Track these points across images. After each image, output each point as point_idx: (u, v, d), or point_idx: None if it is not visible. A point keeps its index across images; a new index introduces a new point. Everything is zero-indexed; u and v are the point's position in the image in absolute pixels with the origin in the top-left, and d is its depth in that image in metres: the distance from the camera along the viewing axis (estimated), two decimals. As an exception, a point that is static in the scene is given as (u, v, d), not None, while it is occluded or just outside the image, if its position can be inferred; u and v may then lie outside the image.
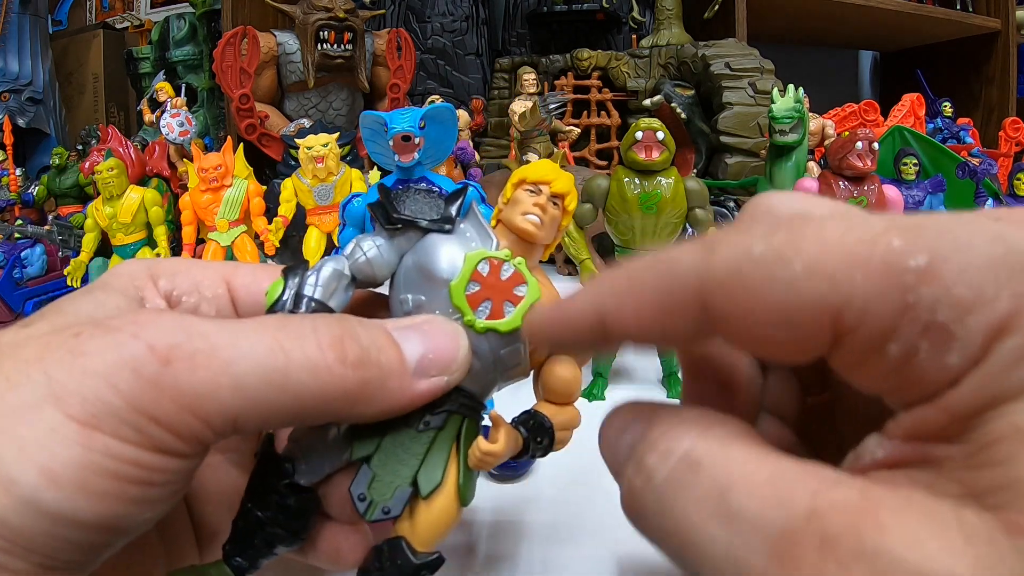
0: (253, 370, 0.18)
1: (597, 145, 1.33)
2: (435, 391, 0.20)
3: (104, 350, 0.17)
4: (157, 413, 0.17)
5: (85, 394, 0.17)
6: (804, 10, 1.61)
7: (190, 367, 0.18)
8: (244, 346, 0.18)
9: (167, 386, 0.17)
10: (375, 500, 0.21)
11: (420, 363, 0.20)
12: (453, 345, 0.21)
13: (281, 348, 0.18)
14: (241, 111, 1.14)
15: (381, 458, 0.21)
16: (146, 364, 0.17)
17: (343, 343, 0.19)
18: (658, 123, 0.51)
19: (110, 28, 1.81)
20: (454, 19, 1.49)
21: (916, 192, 0.82)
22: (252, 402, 0.18)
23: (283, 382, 0.18)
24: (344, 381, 0.19)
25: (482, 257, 0.21)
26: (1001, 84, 1.78)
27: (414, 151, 0.47)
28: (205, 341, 0.18)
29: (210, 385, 0.18)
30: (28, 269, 0.83)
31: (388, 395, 0.20)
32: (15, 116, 1.46)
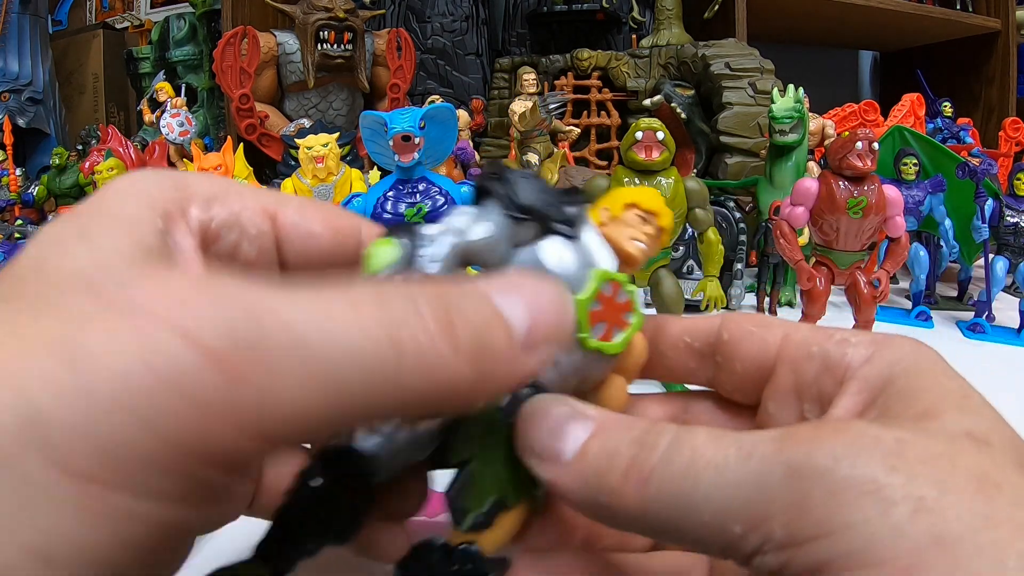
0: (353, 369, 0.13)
1: (597, 145, 1.33)
2: (543, 364, 0.17)
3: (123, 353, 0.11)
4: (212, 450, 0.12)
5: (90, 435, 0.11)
6: (804, 10, 1.61)
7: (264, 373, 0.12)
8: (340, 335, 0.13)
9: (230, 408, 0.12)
10: (470, 509, 0.19)
11: (529, 335, 0.16)
12: (560, 308, 0.17)
13: (388, 337, 0.14)
14: (241, 111, 1.14)
15: (480, 464, 0.20)
16: (195, 376, 0.12)
17: (454, 325, 0.15)
18: (658, 123, 0.51)
19: (110, 28, 1.81)
20: (454, 19, 1.49)
21: (916, 192, 0.82)
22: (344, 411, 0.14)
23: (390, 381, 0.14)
24: (459, 377, 0.15)
25: (610, 277, 0.21)
26: (1001, 84, 1.78)
27: (414, 151, 0.47)
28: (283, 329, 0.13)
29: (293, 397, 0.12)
30: (28, 269, 0.83)
31: (497, 382, 0.16)
32: (15, 116, 1.46)
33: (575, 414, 0.19)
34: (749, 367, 0.22)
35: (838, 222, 0.54)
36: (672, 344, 0.24)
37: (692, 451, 0.16)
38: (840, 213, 0.54)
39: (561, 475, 0.18)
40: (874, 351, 0.19)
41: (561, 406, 0.19)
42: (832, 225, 0.55)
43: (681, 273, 0.84)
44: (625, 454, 0.17)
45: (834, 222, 0.54)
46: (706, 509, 0.15)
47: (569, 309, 0.18)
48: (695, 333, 0.24)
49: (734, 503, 0.15)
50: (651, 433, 0.17)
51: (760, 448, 0.15)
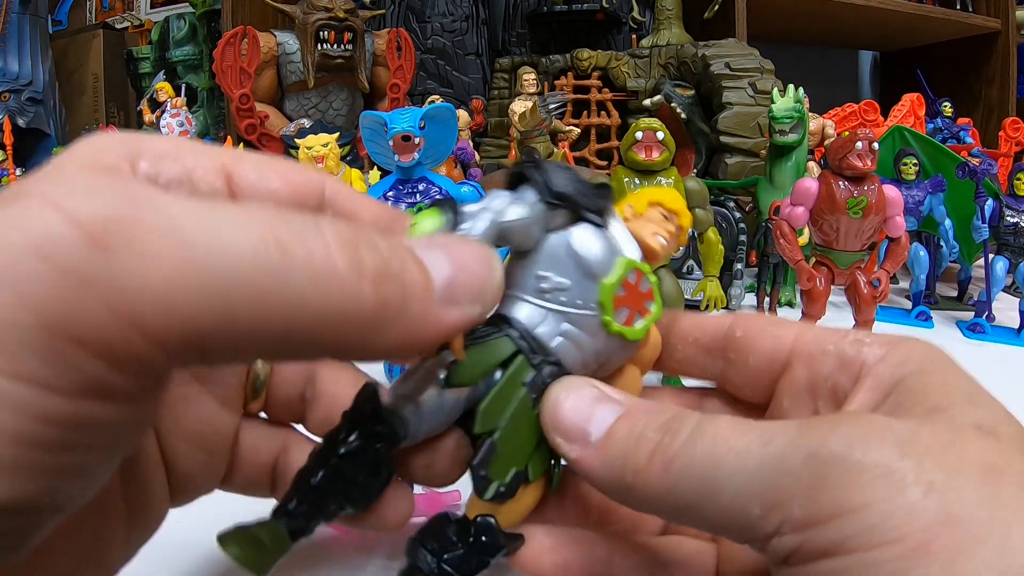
0: (235, 266, 0.12)
1: (597, 145, 1.33)
2: (465, 323, 0.17)
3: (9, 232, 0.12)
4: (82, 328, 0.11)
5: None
6: (804, 10, 1.61)
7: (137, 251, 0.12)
8: (224, 230, 0.13)
9: (100, 283, 0.11)
10: (493, 479, 0.20)
11: (448, 287, 0.16)
12: (485, 268, 0.17)
13: (276, 240, 0.13)
14: (241, 111, 1.14)
15: (504, 435, 0.20)
16: (68, 248, 0.11)
17: (358, 247, 0.14)
18: (658, 123, 0.51)
19: (110, 28, 1.81)
20: (454, 19, 1.49)
21: (916, 192, 0.82)
22: (228, 315, 0.12)
23: (277, 289, 0.13)
24: (359, 297, 0.14)
25: (635, 266, 0.22)
26: (1001, 84, 1.78)
27: (414, 151, 0.47)
28: (162, 216, 0.12)
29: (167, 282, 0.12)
30: (28, 269, 0.83)
31: (409, 323, 0.15)
32: (15, 116, 1.46)
33: (603, 397, 0.20)
34: (762, 362, 0.23)
35: (838, 222, 0.54)
36: (681, 338, 0.25)
37: (715, 437, 0.17)
38: (840, 213, 0.54)
39: (587, 456, 0.19)
40: (887, 351, 0.20)
41: (590, 388, 0.20)
42: (832, 225, 0.55)
43: (681, 273, 0.84)
44: (651, 438, 0.18)
45: (834, 222, 0.54)
46: (726, 492, 0.16)
47: (497, 272, 0.18)
48: (704, 329, 0.25)
49: (754, 486, 0.16)
50: (676, 419, 0.18)
51: (781, 435, 0.16)
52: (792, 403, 0.22)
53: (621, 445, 0.18)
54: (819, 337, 0.22)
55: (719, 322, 0.25)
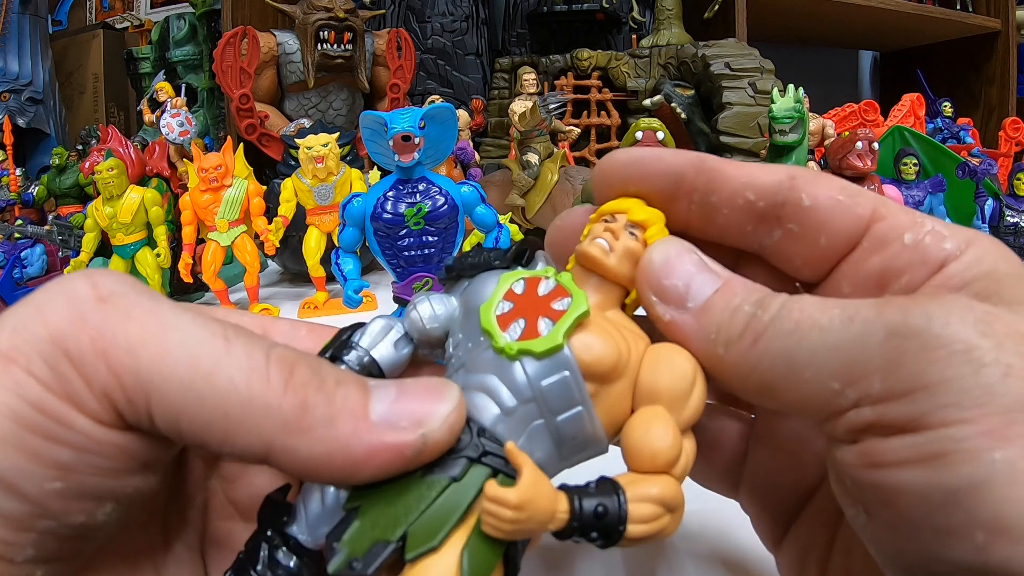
0: (184, 345, 0.16)
1: (597, 145, 1.33)
2: (405, 447, 0.16)
3: (50, 287, 0.17)
4: (71, 346, 0.16)
5: (16, 324, 0.16)
6: (804, 10, 1.61)
7: (123, 314, 0.16)
8: (188, 323, 0.17)
9: (91, 323, 0.16)
10: (348, 551, 0.16)
11: (388, 412, 0.17)
12: (434, 395, 0.17)
13: (226, 340, 0.17)
14: (241, 111, 1.14)
15: (373, 507, 0.17)
16: (82, 297, 0.16)
17: (295, 365, 0.17)
18: (658, 123, 0.51)
19: (110, 28, 1.81)
20: (454, 19, 1.49)
21: (916, 192, 0.82)
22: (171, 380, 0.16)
23: (211, 372, 0.16)
24: (279, 399, 0.16)
25: (518, 276, 0.19)
26: (1001, 84, 1.78)
27: (414, 151, 0.47)
28: (153, 303, 0.17)
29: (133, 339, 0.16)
30: (28, 269, 0.83)
31: (335, 435, 0.16)
32: (15, 116, 1.46)
33: (704, 266, 0.20)
34: (838, 243, 0.20)
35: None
36: (728, 199, 0.21)
37: (800, 312, 0.17)
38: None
39: (683, 320, 0.19)
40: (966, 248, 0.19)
41: (691, 253, 0.20)
42: (832, 225, 0.55)
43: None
44: (746, 312, 0.18)
45: (834, 222, 0.54)
46: (808, 367, 0.16)
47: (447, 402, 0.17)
48: (760, 190, 0.21)
49: (835, 361, 0.16)
50: (769, 296, 0.18)
51: (862, 311, 0.16)
52: (854, 290, 0.20)
53: (717, 316, 0.19)
54: (898, 222, 0.20)
55: (777, 180, 0.20)
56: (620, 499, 0.17)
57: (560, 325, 0.17)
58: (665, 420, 0.18)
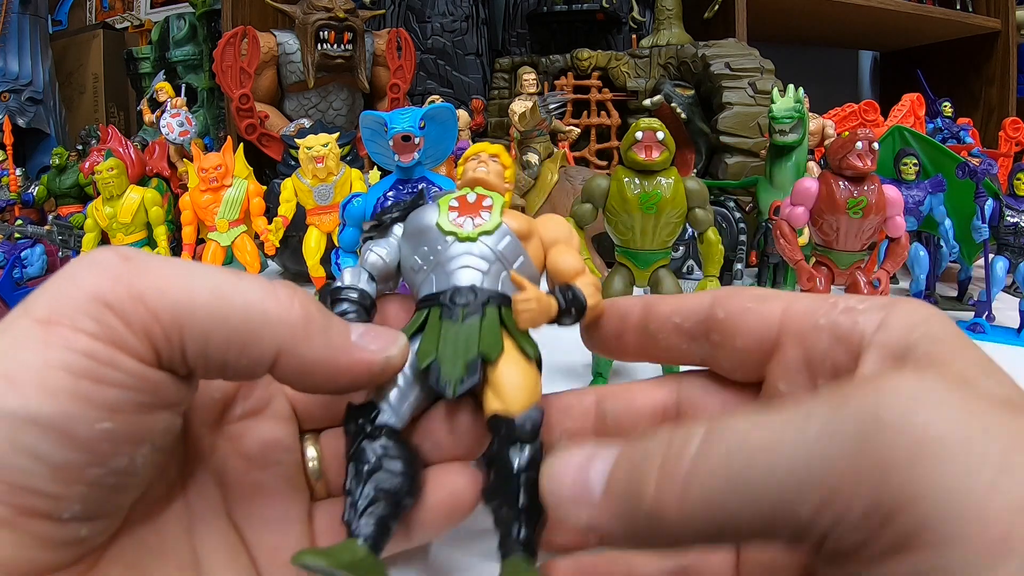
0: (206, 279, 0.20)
1: (597, 145, 1.33)
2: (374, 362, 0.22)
3: (75, 262, 0.19)
4: (110, 298, 0.18)
5: (51, 294, 0.18)
6: (804, 10, 1.61)
7: (148, 266, 0.19)
8: (203, 267, 0.20)
9: (124, 277, 0.19)
10: (452, 378, 0.23)
11: (362, 338, 0.22)
12: (392, 334, 0.23)
13: (237, 276, 0.20)
14: (241, 111, 1.14)
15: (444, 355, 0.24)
16: (109, 261, 0.19)
17: (296, 289, 0.21)
18: (658, 123, 0.51)
19: (110, 28, 1.81)
20: (454, 19, 1.49)
21: (916, 192, 0.82)
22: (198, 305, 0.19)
23: (230, 294, 0.20)
24: (289, 311, 0.20)
25: (450, 196, 0.28)
26: (1001, 84, 1.78)
27: (414, 151, 0.47)
28: (166, 259, 0.20)
29: (162, 281, 0.19)
30: (28, 269, 0.83)
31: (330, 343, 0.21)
32: (15, 116, 1.46)
33: (595, 453, 0.18)
34: (751, 343, 0.22)
35: (838, 222, 0.54)
36: (661, 325, 0.25)
37: (733, 438, 0.14)
38: (840, 213, 0.54)
39: (596, 515, 0.17)
40: (884, 316, 0.19)
41: (579, 449, 0.18)
42: (832, 225, 0.55)
43: (681, 273, 0.84)
44: (653, 463, 0.15)
45: (834, 222, 0.54)
46: (766, 496, 0.13)
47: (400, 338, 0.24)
48: (684, 312, 0.24)
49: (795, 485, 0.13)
50: (677, 435, 0.16)
51: (816, 412, 0.14)
52: (789, 385, 0.21)
53: (623, 485, 0.16)
54: (808, 310, 0.21)
55: (699, 303, 0.24)
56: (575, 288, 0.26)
57: (494, 213, 0.27)
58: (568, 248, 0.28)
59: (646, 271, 0.54)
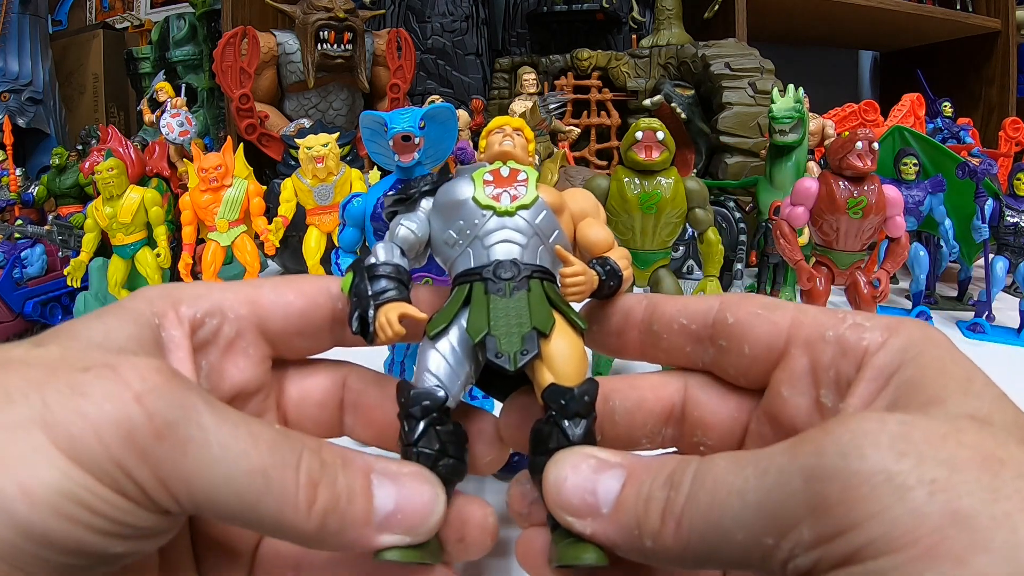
0: (232, 481, 0.18)
1: (597, 145, 1.33)
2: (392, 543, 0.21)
3: (104, 400, 0.18)
4: (135, 475, 0.18)
5: (74, 433, 0.17)
6: (804, 10, 1.61)
7: (179, 452, 0.18)
8: (233, 453, 0.19)
9: (151, 458, 0.18)
10: (512, 351, 0.23)
11: (387, 519, 0.20)
12: (427, 508, 0.21)
13: (264, 474, 0.19)
14: (241, 111, 1.14)
15: (497, 330, 0.24)
16: (140, 432, 0.18)
17: (318, 489, 0.20)
18: (658, 123, 0.51)
19: (110, 28, 1.81)
20: (454, 19, 1.49)
21: (916, 192, 0.82)
22: (219, 505, 0.19)
23: (253, 504, 0.19)
24: (305, 524, 0.19)
25: (484, 170, 0.28)
26: (1001, 84, 1.78)
27: (414, 151, 0.47)
28: (201, 432, 0.18)
29: (190, 475, 0.18)
30: (28, 269, 0.83)
31: (343, 541, 0.20)
32: (15, 116, 1.46)
33: (602, 465, 0.20)
34: (759, 350, 0.22)
35: (838, 222, 0.54)
36: (666, 325, 0.25)
37: (714, 481, 0.17)
38: (840, 213, 0.54)
39: (603, 528, 0.19)
40: (888, 337, 0.19)
41: (586, 459, 0.20)
42: (832, 225, 0.55)
43: (681, 273, 0.84)
44: (659, 498, 0.18)
45: (834, 222, 0.54)
46: (737, 532, 0.16)
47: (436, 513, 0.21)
48: (691, 315, 0.24)
49: (761, 519, 0.16)
50: (677, 472, 0.18)
51: (775, 462, 0.16)
52: (792, 392, 0.21)
53: (632, 512, 0.19)
54: (817, 322, 0.21)
55: (707, 306, 0.24)
56: (610, 260, 0.27)
57: (530, 188, 0.27)
58: (597, 221, 0.28)
59: (646, 271, 0.54)
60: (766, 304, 0.23)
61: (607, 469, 0.20)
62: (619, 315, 0.26)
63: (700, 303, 0.24)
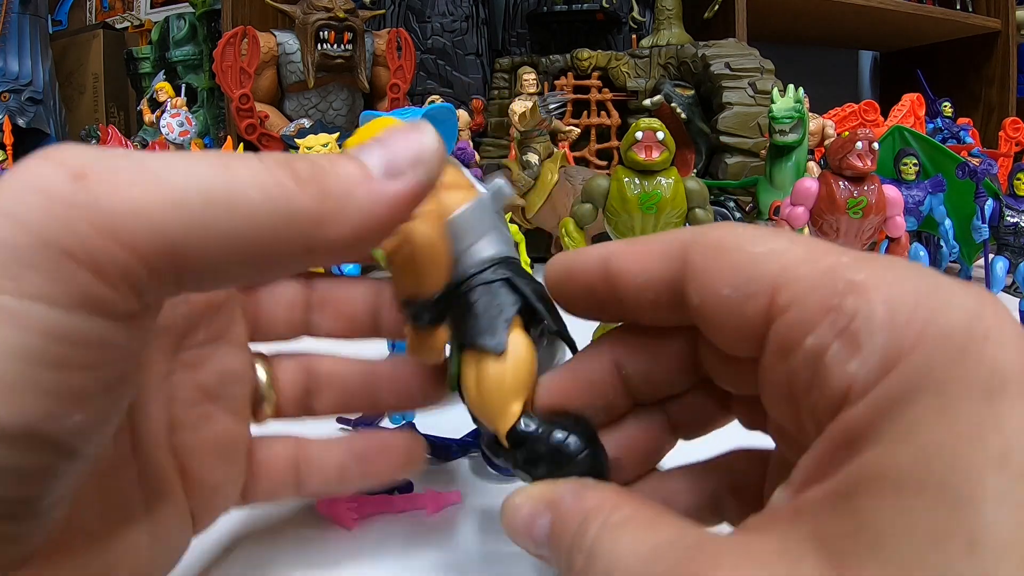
0: (192, 184, 0.14)
1: (597, 145, 1.33)
2: (415, 188, 0.17)
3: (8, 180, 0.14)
4: (71, 242, 0.13)
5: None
6: (804, 10, 1.61)
7: (112, 181, 0.14)
8: (180, 162, 0.15)
9: (83, 204, 0.13)
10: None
11: (386, 164, 0.17)
12: (415, 135, 0.18)
13: (224, 164, 0.15)
14: (241, 111, 1.14)
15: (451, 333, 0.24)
16: (56, 181, 0.14)
17: (291, 163, 0.16)
18: (658, 123, 0.51)
19: (110, 28, 1.81)
20: (454, 19, 1.49)
21: (916, 192, 0.82)
22: (194, 222, 0.14)
23: (229, 198, 0.15)
24: (299, 196, 0.16)
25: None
26: (1001, 84, 1.78)
27: (414, 151, 0.47)
28: (131, 157, 0.15)
29: (139, 199, 0.14)
30: (28, 269, 0.83)
31: (359, 204, 0.16)
32: (15, 116, 1.46)
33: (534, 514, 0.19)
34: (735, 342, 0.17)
35: (838, 222, 0.54)
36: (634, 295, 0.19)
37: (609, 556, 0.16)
38: (840, 213, 0.54)
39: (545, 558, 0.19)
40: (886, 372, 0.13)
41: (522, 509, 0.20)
42: (832, 225, 0.55)
43: (681, 273, 0.84)
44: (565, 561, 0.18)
45: (834, 222, 0.54)
46: None
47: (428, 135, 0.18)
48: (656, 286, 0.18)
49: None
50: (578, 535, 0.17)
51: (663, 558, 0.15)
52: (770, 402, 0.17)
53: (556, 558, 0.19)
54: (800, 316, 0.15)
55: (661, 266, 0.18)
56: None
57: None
58: None
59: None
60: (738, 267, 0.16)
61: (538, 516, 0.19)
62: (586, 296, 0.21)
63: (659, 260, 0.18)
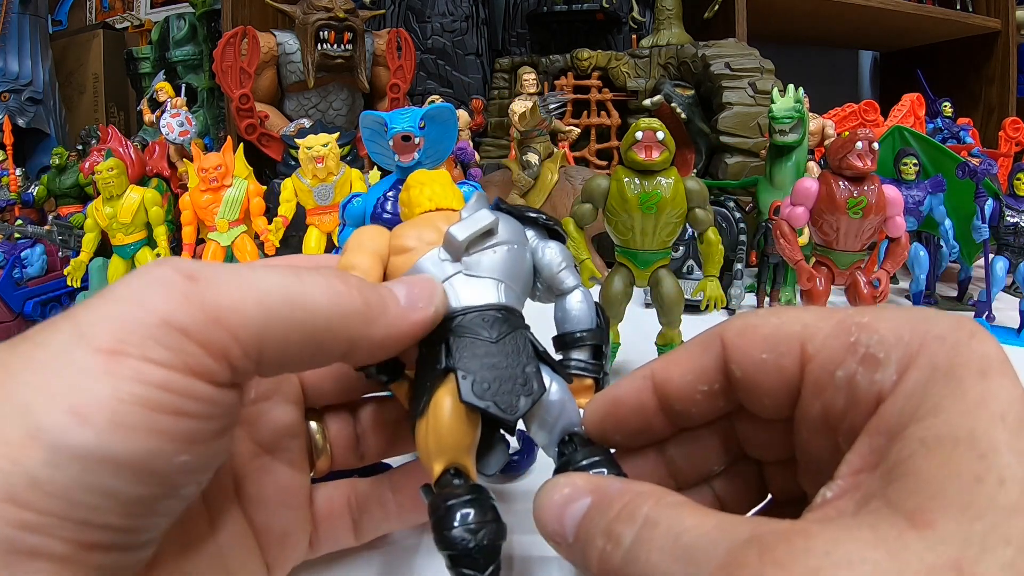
0: (274, 288, 0.20)
1: (597, 145, 1.33)
2: (427, 319, 0.24)
3: (130, 281, 0.18)
4: (185, 322, 0.18)
5: (112, 319, 0.17)
6: (804, 10, 1.61)
7: (216, 283, 0.19)
8: (263, 272, 0.20)
9: (195, 298, 0.18)
10: None
11: (407, 297, 0.24)
12: (429, 284, 0.25)
13: (297, 276, 0.21)
14: (241, 111, 1.14)
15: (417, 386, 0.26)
16: (174, 281, 0.18)
17: (346, 277, 0.22)
18: (658, 123, 0.51)
19: (110, 28, 1.81)
20: (454, 19, 1.49)
21: (916, 192, 0.82)
22: (275, 317, 0.19)
23: (301, 300, 0.20)
24: (352, 300, 0.21)
25: None
26: (1001, 84, 1.78)
27: (414, 151, 0.47)
28: (227, 269, 0.20)
29: (236, 297, 0.19)
30: (28, 269, 0.83)
31: (391, 318, 0.22)
32: (15, 116, 1.46)
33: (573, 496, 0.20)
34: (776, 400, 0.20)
35: (838, 222, 0.54)
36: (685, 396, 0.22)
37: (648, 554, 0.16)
38: (840, 213, 0.54)
39: (567, 554, 0.20)
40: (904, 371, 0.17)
41: (563, 488, 0.20)
42: (832, 225, 0.55)
43: (681, 273, 0.84)
44: (598, 546, 0.18)
45: (834, 222, 0.54)
46: None
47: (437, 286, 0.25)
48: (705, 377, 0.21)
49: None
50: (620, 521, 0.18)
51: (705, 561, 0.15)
52: (812, 436, 0.20)
53: (581, 546, 0.19)
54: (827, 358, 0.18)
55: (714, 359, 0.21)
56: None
57: None
58: None
59: (646, 271, 0.54)
60: (769, 339, 0.20)
61: (575, 500, 0.19)
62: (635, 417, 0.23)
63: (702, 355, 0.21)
